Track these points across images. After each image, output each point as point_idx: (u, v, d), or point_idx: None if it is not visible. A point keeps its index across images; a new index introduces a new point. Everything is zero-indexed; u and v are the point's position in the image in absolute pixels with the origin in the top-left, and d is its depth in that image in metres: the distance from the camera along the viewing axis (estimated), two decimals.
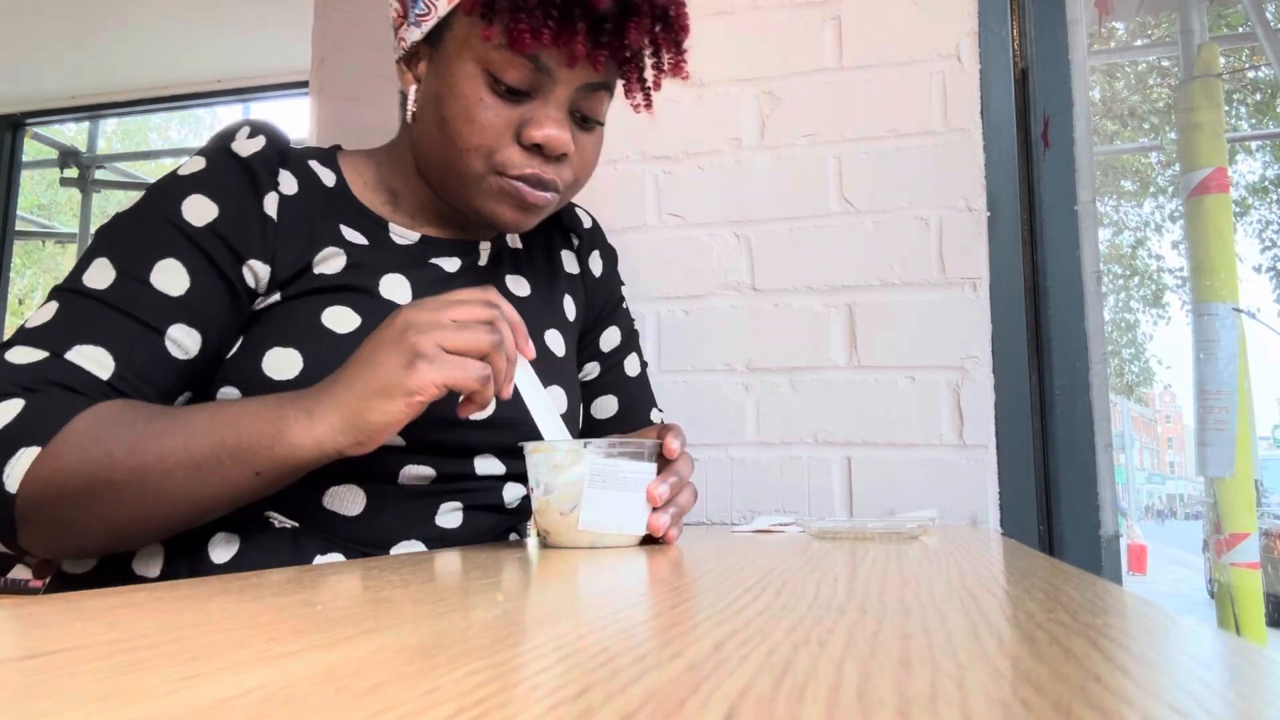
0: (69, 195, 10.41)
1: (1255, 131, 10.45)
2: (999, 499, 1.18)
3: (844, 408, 1.24)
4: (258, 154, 0.78)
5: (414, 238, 0.86)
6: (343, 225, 0.82)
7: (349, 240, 0.81)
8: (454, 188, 0.82)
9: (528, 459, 0.75)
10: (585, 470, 0.71)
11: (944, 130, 1.26)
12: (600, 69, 0.78)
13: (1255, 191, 11.85)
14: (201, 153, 0.78)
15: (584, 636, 0.31)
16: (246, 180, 0.76)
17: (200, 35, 3.16)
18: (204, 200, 0.74)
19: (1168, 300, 14.11)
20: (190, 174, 0.76)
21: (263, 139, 0.79)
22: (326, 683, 0.24)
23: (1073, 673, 0.25)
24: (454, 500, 0.82)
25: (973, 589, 0.44)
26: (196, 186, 0.75)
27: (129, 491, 0.63)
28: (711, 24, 1.37)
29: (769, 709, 0.21)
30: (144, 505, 0.64)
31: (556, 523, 0.72)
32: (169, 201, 0.74)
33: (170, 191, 0.75)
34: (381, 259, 0.82)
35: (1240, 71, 9.42)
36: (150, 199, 0.75)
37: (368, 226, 0.84)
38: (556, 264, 0.99)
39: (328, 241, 0.80)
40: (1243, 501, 3.93)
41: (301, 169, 0.82)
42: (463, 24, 0.77)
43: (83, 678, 0.25)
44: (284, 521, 0.74)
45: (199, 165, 0.77)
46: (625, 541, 0.74)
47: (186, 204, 0.74)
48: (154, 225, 0.73)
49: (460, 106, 0.78)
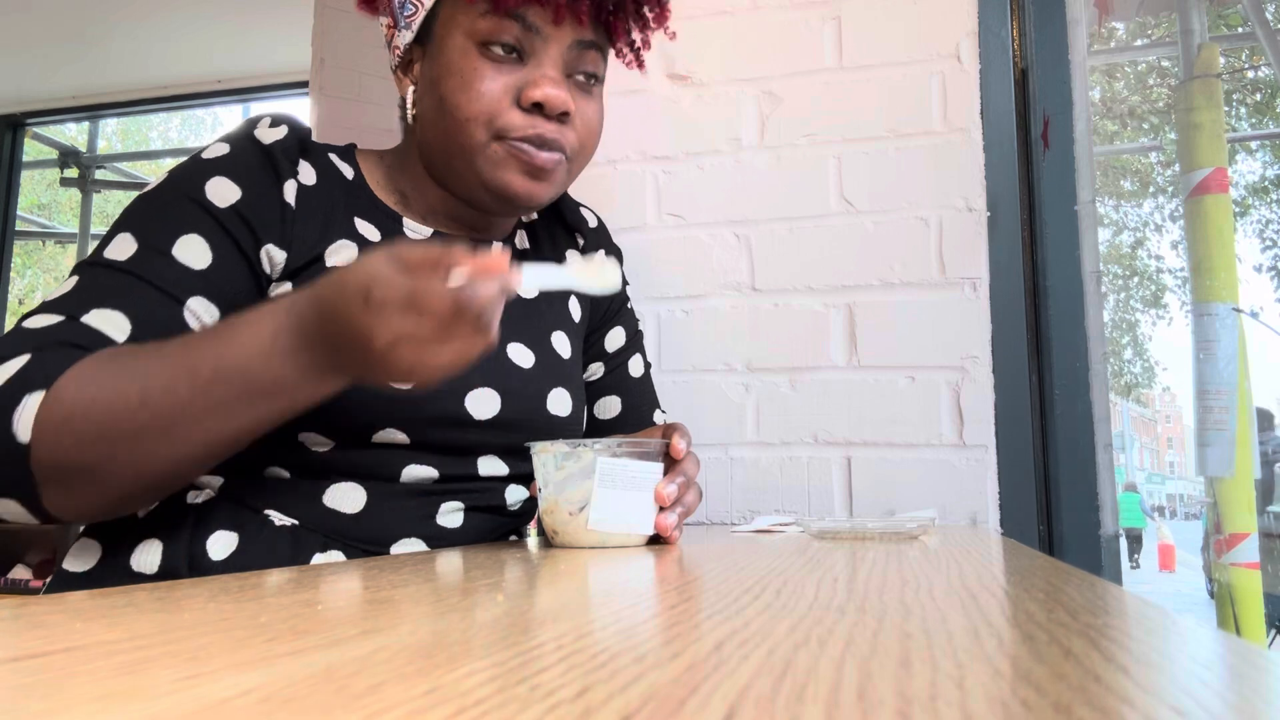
0: (69, 195, 10.41)
1: (1255, 131, 10.45)
2: (999, 499, 1.18)
3: (844, 408, 1.24)
4: (279, 142, 0.78)
5: (426, 233, 0.86)
6: (357, 218, 0.83)
7: (362, 234, 0.82)
8: (461, 170, 0.82)
9: (535, 458, 0.75)
10: (595, 470, 0.71)
11: (944, 130, 1.26)
12: (585, 22, 0.79)
13: (1255, 191, 11.85)
14: (225, 139, 0.79)
15: (584, 636, 0.31)
16: (268, 166, 0.77)
17: (200, 35, 3.16)
18: (227, 182, 0.75)
19: (1167, 300, 14.11)
20: (214, 157, 0.76)
21: (285, 128, 0.80)
22: (326, 683, 0.24)
23: (1073, 673, 0.25)
24: (455, 500, 0.81)
25: (973, 589, 0.44)
26: (220, 169, 0.75)
27: (143, 429, 0.61)
28: (711, 24, 1.37)
29: (769, 709, 0.21)
30: (161, 442, 0.62)
31: (565, 522, 0.72)
32: (193, 181, 0.75)
33: (194, 172, 0.75)
34: None
35: (1240, 71, 9.43)
36: (174, 178, 0.76)
37: (382, 221, 0.84)
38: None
39: (341, 233, 0.80)
40: (1243, 501, 3.93)
41: (321, 161, 0.82)
42: (447, 6, 0.79)
43: (83, 678, 0.25)
44: (283, 519, 0.74)
45: (223, 150, 0.77)
46: (633, 541, 0.74)
47: (210, 184, 0.74)
48: (178, 202, 0.74)
49: (456, 79, 0.79)
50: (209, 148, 0.78)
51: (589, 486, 0.71)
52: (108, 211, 11.84)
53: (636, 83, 1.38)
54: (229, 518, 0.73)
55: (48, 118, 3.86)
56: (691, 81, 1.37)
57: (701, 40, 1.37)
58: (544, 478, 0.74)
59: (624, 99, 1.37)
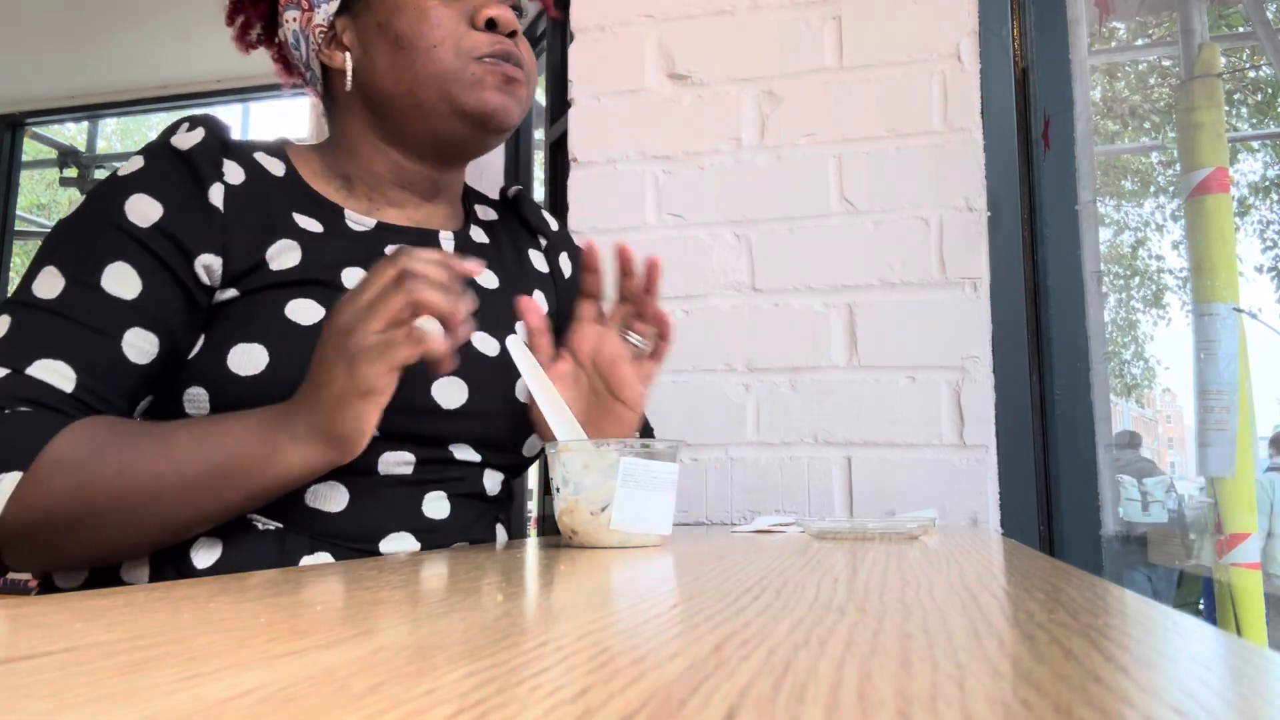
0: (69, 195, 10.39)
1: (1256, 131, 10.45)
2: (999, 499, 1.18)
3: (844, 408, 1.24)
4: (198, 146, 0.76)
5: (370, 224, 0.85)
6: (296, 214, 0.81)
7: (304, 229, 0.80)
8: (432, 102, 0.82)
9: (554, 458, 0.75)
10: (618, 470, 0.71)
11: (944, 130, 1.26)
12: None
13: (1256, 191, 11.85)
14: (141, 151, 0.77)
15: (584, 636, 0.31)
16: (188, 173, 0.75)
17: (200, 35, 3.16)
18: (146, 199, 0.73)
19: (1168, 300, 14.10)
20: (130, 173, 0.75)
21: (202, 131, 0.78)
22: (326, 683, 0.24)
23: (1073, 673, 0.25)
24: (438, 490, 0.81)
25: (973, 589, 0.44)
26: (137, 186, 0.74)
27: (116, 516, 0.64)
28: (711, 24, 1.37)
29: (769, 709, 0.21)
30: (132, 528, 0.65)
31: (586, 522, 0.72)
32: (111, 204, 0.73)
33: (112, 193, 0.74)
34: (338, 247, 0.81)
35: (1241, 71, 9.42)
36: (92, 203, 0.74)
37: (322, 214, 0.83)
38: (526, 262, 0.98)
39: (281, 232, 0.78)
40: (1243, 501, 3.93)
41: (247, 160, 0.81)
42: None
43: (83, 678, 0.25)
44: (267, 523, 0.73)
45: (138, 164, 0.76)
46: (652, 541, 0.74)
47: (129, 204, 0.73)
48: (99, 229, 0.72)
49: (411, 13, 0.81)
50: (128, 162, 0.76)
51: (611, 487, 0.71)
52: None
53: (636, 82, 1.38)
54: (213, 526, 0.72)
55: (47, 117, 3.85)
56: (691, 81, 1.36)
57: (701, 40, 1.37)
58: (565, 476, 0.73)
59: (624, 99, 1.37)
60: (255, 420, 0.67)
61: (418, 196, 0.89)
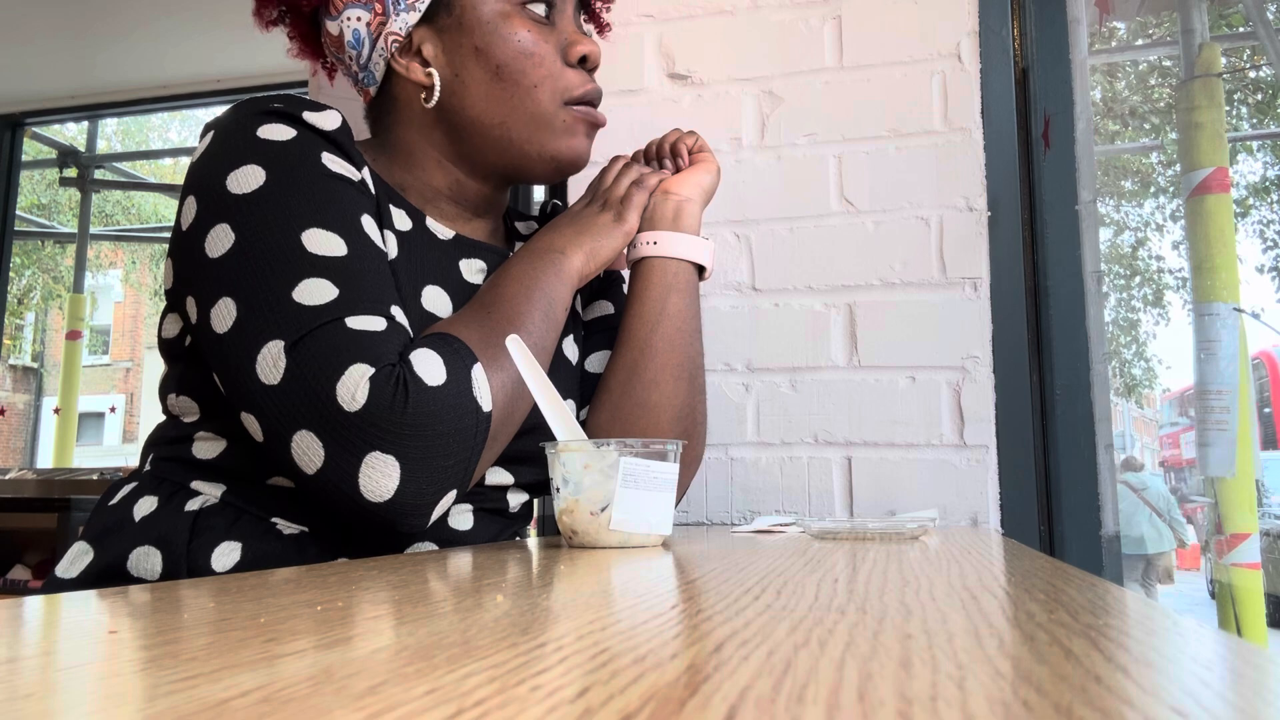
0: (69, 195, 10.40)
1: (1256, 131, 10.45)
2: (999, 499, 1.18)
3: (844, 408, 1.24)
4: (340, 129, 0.75)
5: (449, 234, 0.85)
6: (392, 206, 0.81)
7: (397, 226, 0.80)
8: (521, 140, 0.81)
9: (554, 458, 0.75)
10: (618, 470, 0.71)
11: (944, 130, 1.26)
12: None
13: (1257, 191, 11.85)
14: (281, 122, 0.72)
15: (584, 637, 0.31)
16: (340, 152, 0.74)
17: (200, 35, 3.16)
18: (334, 159, 0.73)
19: (1168, 300, 14.10)
20: (290, 140, 0.71)
21: (338, 115, 0.76)
22: (326, 683, 0.24)
23: (1073, 673, 0.25)
24: (464, 503, 0.81)
25: (973, 589, 0.44)
26: (315, 146, 0.72)
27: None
28: (711, 24, 1.37)
29: (769, 710, 0.21)
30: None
31: (586, 522, 0.72)
32: (314, 160, 0.71)
33: (302, 155, 0.71)
34: (423, 253, 0.81)
35: (1241, 71, 9.41)
36: (293, 164, 0.70)
37: (408, 213, 0.82)
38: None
39: (385, 223, 0.78)
40: (1243, 501, 3.93)
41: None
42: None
43: (83, 678, 0.25)
44: (291, 526, 0.73)
45: (288, 134, 0.72)
46: (652, 541, 0.74)
47: (325, 160, 0.72)
48: (326, 184, 0.70)
49: (514, 46, 0.79)
50: (266, 130, 0.71)
51: (611, 487, 0.71)
52: (106, 211, 11.79)
53: (636, 82, 1.38)
54: (232, 527, 0.71)
55: (47, 117, 3.85)
56: (691, 81, 1.36)
57: (701, 40, 1.37)
58: (564, 476, 0.73)
59: (624, 99, 1.37)
60: (539, 252, 0.81)
61: (469, 212, 0.88)
